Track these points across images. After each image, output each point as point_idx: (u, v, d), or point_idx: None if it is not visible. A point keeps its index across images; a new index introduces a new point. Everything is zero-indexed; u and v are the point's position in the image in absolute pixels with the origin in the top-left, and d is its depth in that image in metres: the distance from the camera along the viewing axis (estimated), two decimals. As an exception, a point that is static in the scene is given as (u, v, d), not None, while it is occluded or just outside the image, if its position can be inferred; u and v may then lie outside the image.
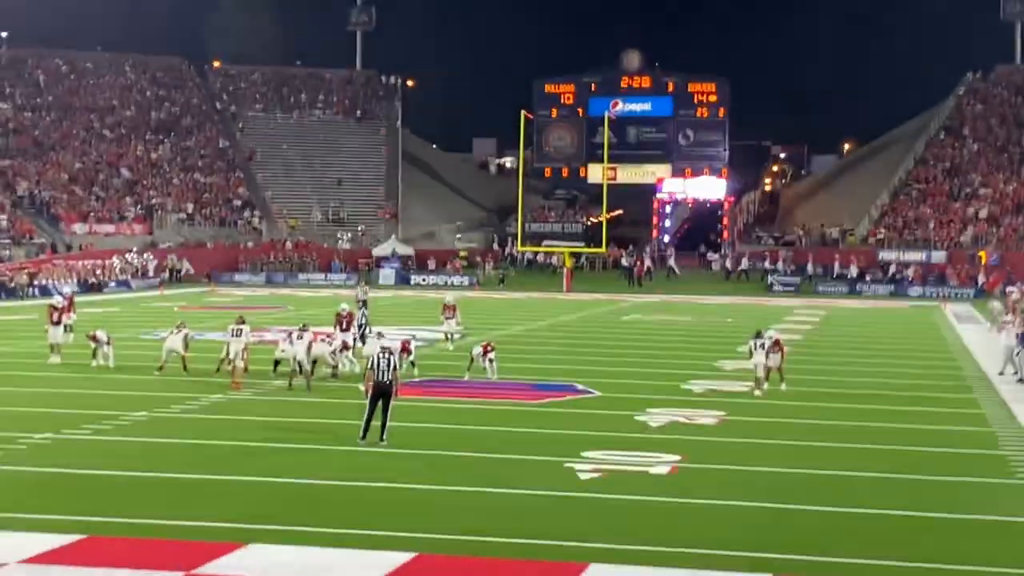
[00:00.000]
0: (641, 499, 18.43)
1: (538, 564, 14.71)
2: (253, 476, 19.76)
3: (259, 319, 48.58)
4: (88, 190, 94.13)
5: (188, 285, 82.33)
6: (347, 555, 14.94)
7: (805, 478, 20.47)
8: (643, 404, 28.09)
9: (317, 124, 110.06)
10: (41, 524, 16.17)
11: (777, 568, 14.55)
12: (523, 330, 50.02)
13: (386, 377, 22.53)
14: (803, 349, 42.64)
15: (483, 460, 21.51)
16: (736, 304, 69.86)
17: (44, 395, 28.82)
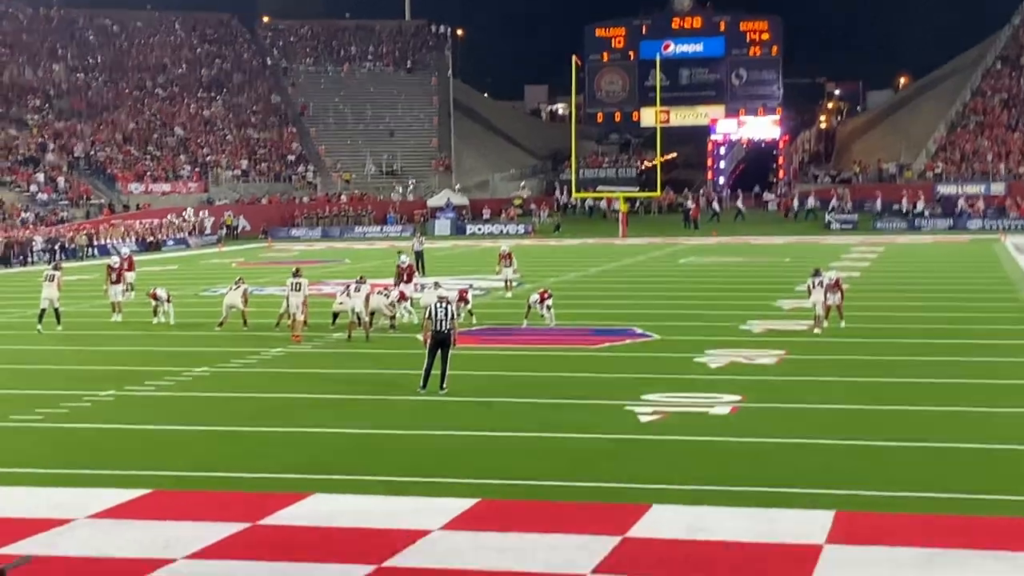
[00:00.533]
0: (702, 439, 18.43)
1: (600, 507, 14.73)
2: (315, 427, 19.89)
3: (316, 273, 48.81)
4: (143, 149, 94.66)
5: (245, 241, 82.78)
6: (410, 503, 15.02)
7: (866, 414, 20.38)
8: (702, 345, 28.03)
9: (368, 76, 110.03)
10: (107, 480, 16.36)
11: (840, 504, 14.50)
12: (580, 276, 49.98)
13: (444, 326, 22.58)
14: (861, 286, 42.39)
15: (543, 405, 21.54)
16: (793, 243, 69.47)
17: (106, 353, 29.11)
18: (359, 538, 13.59)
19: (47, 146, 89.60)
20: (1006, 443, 17.91)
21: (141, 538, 13.66)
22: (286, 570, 12.45)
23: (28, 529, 13.97)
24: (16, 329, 34.62)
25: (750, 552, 12.84)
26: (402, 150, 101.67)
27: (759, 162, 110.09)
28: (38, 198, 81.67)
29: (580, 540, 13.27)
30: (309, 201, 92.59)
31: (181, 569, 12.58)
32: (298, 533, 13.84)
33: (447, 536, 13.61)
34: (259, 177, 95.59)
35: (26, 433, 19.85)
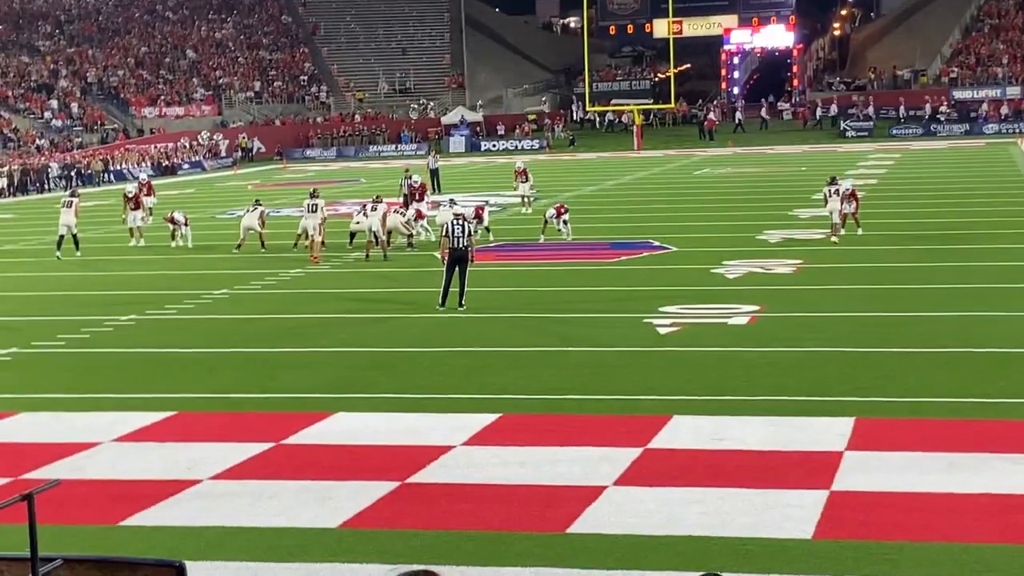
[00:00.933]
0: (721, 350, 18.49)
1: (621, 419, 14.83)
2: (336, 347, 20.01)
3: (332, 193, 48.82)
4: (155, 73, 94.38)
5: (260, 163, 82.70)
6: (432, 419, 15.13)
7: (884, 321, 20.42)
8: (719, 257, 28.04)
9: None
10: (132, 403, 16.51)
11: (859, 411, 14.57)
12: (595, 190, 49.91)
13: (461, 243, 22.63)
14: (878, 193, 42.28)
15: (562, 320, 21.62)
16: (809, 153, 69.18)
17: (126, 278, 29.24)
18: (382, 455, 13.72)
19: (59, 72, 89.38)
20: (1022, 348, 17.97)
21: (166, 459, 13.81)
22: (311, 488, 12.58)
23: (55, 453, 14.13)
24: (35, 256, 34.76)
25: (771, 460, 12.94)
26: (415, 68, 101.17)
27: (773, 71, 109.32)
28: (52, 124, 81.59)
29: (601, 452, 13.37)
30: (323, 121, 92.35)
31: (207, 489, 12.73)
32: (322, 451, 13.98)
33: (469, 451, 13.73)
34: (272, 99, 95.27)
35: (49, 359, 20.00)
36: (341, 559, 10.54)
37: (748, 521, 11.09)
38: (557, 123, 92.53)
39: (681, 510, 11.47)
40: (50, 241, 34.71)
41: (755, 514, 11.29)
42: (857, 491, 11.88)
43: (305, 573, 10.31)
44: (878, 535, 10.68)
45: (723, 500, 11.70)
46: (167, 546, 10.75)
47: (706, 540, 10.63)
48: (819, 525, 10.93)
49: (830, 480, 12.15)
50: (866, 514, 11.23)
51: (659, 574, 9.93)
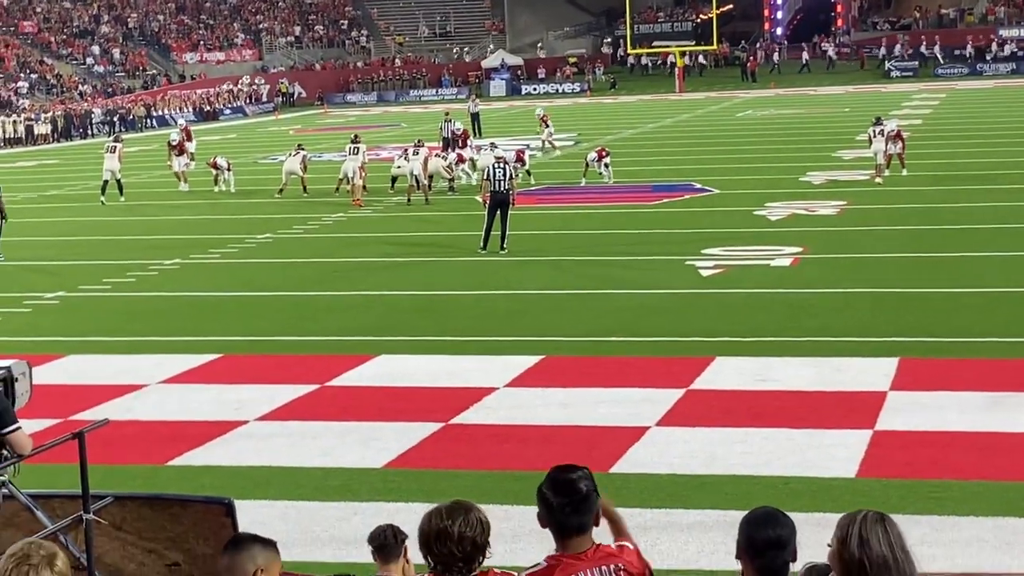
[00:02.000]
0: (764, 292, 18.46)
1: (664, 360, 14.84)
2: (379, 290, 20.08)
3: (373, 137, 48.81)
4: (196, 19, 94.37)
5: (301, 108, 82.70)
6: (475, 361, 15.19)
7: (929, 262, 20.32)
8: (762, 199, 27.92)
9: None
10: (177, 346, 16.64)
11: (903, 351, 14.53)
12: (636, 133, 49.70)
13: (503, 187, 22.64)
14: (923, 133, 41.94)
15: (604, 263, 21.60)
16: (853, 93, 68.59)
17: (170, 222, 29.39)
18: (425, 396, 13.79)
19: (101, 18, 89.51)
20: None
21: (212, 401, 13.93)
22: (356, 429, 12.68)
23: (103, 395, 14.27)
24: (79, 201, 34.96)
25: (815, 400, 12.93)
26: (455, 11, 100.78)
27: (817, 11, 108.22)
28: (94, 70, 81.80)
29: (644, 393, 13.40)
30: (363, 66, 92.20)
31: (252, 430, 12.84)
32: (366, 393, 14.07)
33: (512, 392, 13.78)
34: (313, 43, 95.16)
35: (95, 302, 20.18)
36: (386, 498, 10.62)
37: (791, 461, 11.11)
38: (598, 66, 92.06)
39: (724, 450, 11.49)
40: (94, 186, 34.89)
41: (798, 453, 11.31)
42: (901, 431, 11.87)
43: (350, 512, 10.40)
44: (922, 474, 10.67)
45: (766, 440, 11.72)
46: (214, 485, 10.86)
47: (749, 479, 10.65)
48: (863, 464, 10.93)
49: (874, 420, 12.14)
50: (910, 453, 11.22)
51: (703, 512, 9.96)
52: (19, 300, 20.26)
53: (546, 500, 4.87)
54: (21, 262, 24.43)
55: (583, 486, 4.88)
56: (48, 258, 24.87)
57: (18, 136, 62.30)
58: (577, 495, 4.86)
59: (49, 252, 25.68)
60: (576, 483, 4.86)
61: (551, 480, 4.92)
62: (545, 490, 4.89)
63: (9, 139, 61.84)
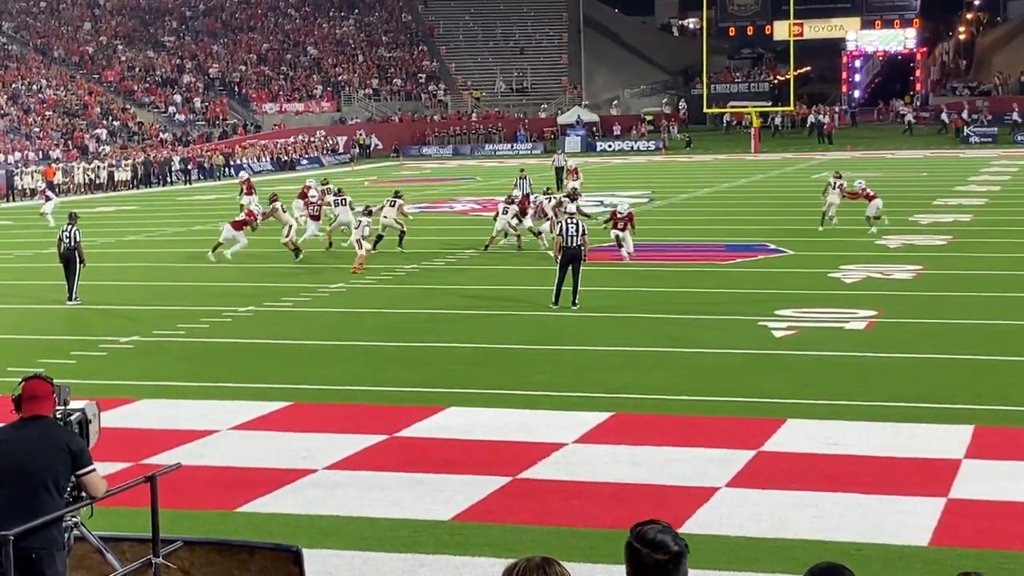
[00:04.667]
0: (837, 355, 18.30)
1: (734, 420, 14.75)
2: (449, 342, 20.11)
3: (449, 190, 49.01)
4: (276, 70, 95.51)
5: (377, 160, 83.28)
6: (545, 416, 15.16)
7: (1004, 329, 20.07)
8: (837, 261, 27.74)
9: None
10: (248, 392, 16.74)
11: (978, 419, 14.35)
12: (711, 192, 49.61)
13: (575, 242, 22.69)
14: (1000, 200, 41.58)
15: (676, 321, 21.53)
16: (930, 158, 68.12)
17: (244, 271, 29.60)
18: (494, 450, 13.78)
19: (183, 67, 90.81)
20: None
21: (282, 448, 13.99)
22: (424, 480, 12.68)
23: (175, 440, 14.38)
24: (157, 247, 35.34)
25: (887, 466, 12.78)
26: (532, 67, 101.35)
27: (895, 75, 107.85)
28: (175, 119, 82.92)
29: (714, 453, 13.31)
30: (440, 119, 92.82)
31: (321, 478, 12.87)
32: (434, 445, 14.07)
33: (581, 449, 13.74)
34: (390, 96, 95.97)
35: (169, 348, 20.35)
36: (453, 551, 10.61)
37: (863, 527, 10.98)
38: (673, 124, 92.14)
39: (794, 513, 11.38)
40: (172, 233, 35.26)
41: (870, 519, 11.17)
42: (975, 499, 11.71)
43: (417, 564, 10.39)
44: (996, 544, 10.52)
45: (837, 505, 11.59)
46: (282, 532, 10.89)
47: (819, 544, 10.54)
48: (936, 532, 10.79)
49: (948, 488, 11.98)
50: (984, 522, 11.06)
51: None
52: (95, 344, 20.48)
53: (639, 557, 4.53)
54: (98, 306, 24.72)
55: (677, 545, 4.53)
56: (124, 303, 25.15)
57: (100, 182, 63.17)
58: (672, 552, 4.51)
59: (125, 297, 25.96)
60: (670, 541, 4.51)
61: (643, 537, 4.56)
62: (638, 545, 4.54)
63: (91, 184, 62.72)
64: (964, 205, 39.95)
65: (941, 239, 31.24)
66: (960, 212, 37.79)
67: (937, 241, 31.04)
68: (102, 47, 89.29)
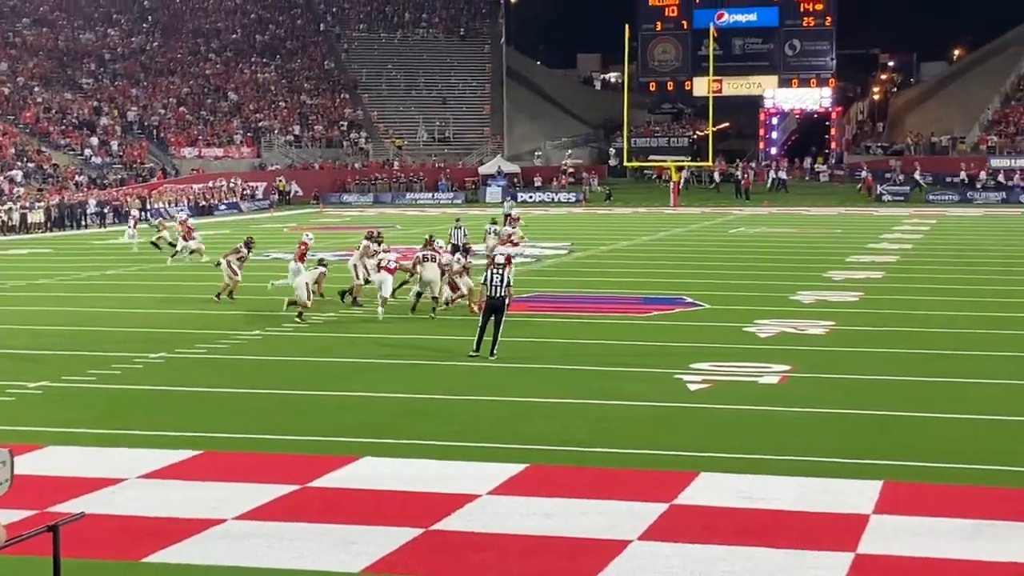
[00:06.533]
0: (751, 409, 18.41)
1: (648, 473, 14.77)
2: (365, 391, 20.00)
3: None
4: (196, 114, 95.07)
5: (297, 206, 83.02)
6: (459, 467, 15.10)
7: (915, 385, 20.30)
8: (752, 315, 27.96)
9: (421, 43, 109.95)
10: (158, 440, 16.54)
11: (887, 475, 14.48)
12: (630, 244, 49.91)
13: (498, 292, 22.74)
14: (911, 258, 42.18)
15: (592, 372, 21.57)
16: (844, 215, 69.06)
17: (158, 316, 29.31)
18: (408, 501, 13.69)
19: (101, 109, 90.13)
20: (1057, 417, 17.80)
21: (192, 498, 13.81)
22: (335, 532, 12.56)
23: (80, 487, 14.15)
24: (69, 291, 34.92)
25: (797, 521, 12.85)
26: (454, 117, 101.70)
27: (811, 133, 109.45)
28: (92, 161, 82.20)
29: (627, 506, 13.31)
30: (361, 167, 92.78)
31: (231, 529, 12.71)
32: (347, 495, 13.96)
33: (495, 501, 13.69)
34: (311, 143, 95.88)
35: (79, 393, 20.08)
36: (362, 604, 10.50)
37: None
38: (594, 176, 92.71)
39: (707, 567, 11.39)
40: (85, 276, 34.82)
41: (780, 574, 11.22)
42: (882, 555, 11.79)
43: (325, 616, 10.27)
44: (904, 600, 10.57)
45: (749, 559, 11.62)
46: (189, 584, 10.74)
47: (730, 599, 10.54)
48: (844, 588, 10.83)
49: (856, 543, 12.06)
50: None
51: (681, 631, 9.85)
52: (2, 389, 20.15)
53: None
54: (6, 350, 24.36)
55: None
56: (34, 347, 24.77)
57: (12, 224, 62.39)
58: None
59: (36, 341, 25.58)
60: None
61: None
62: None
63: (3, 226, 61.91)
64: (876, 262, 40.47)
65: (853, 295, 31.60)
66: (872, 269, 38.28)
67: (850, 297, 31.39)
68: (18, 88, 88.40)
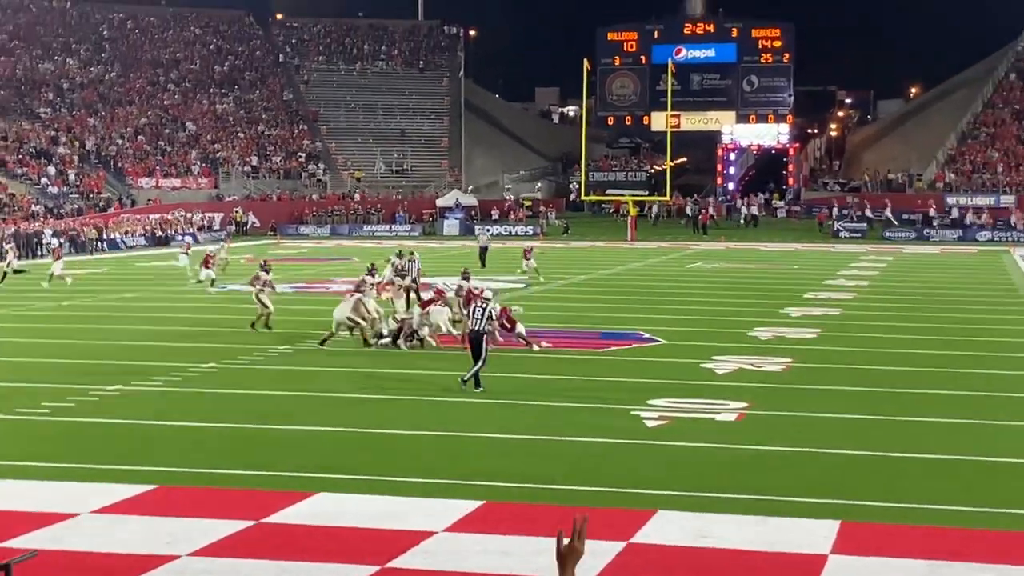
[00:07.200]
0: (708, 446, 18.39)
1: (605, 511, 14.69)
2: (321, 426, 19.88)
3: (325, 270, 48.78)
4: (154, 144, 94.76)
5: (254, 237, 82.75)
6: (414, 503, 15.01)
7: (872, 424, 20.34)
8: (709, 352, 27.99)
9: (380, 75, 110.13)
10: (112, 475, 16.38)
11: (844, 514, 14.48)
12: (587, 279, 49.96)
13: (479, 325, 22.87)
14: (869, 295, 42.38)
15: (549, 408, 21.51)
16: (801, 251, 69.42)
17: (114, 348, 29.11)
18: (363, 538, 13.60)
19: (59, 139, 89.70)
20: (1010, 456, 17.86)
21: (145, 533, 13.68)
22: (290, 569, 12.46)
23: (33, 522, 13.99)
24: (24, 322, 34.64)
25: (755, 560, 12.83)
26: (413, 149, 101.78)
27: (769, 169, 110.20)
28: (49, 191, 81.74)
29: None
30: (319, 199, 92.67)
31: (185, 566, 12.59)
32: (302, 532, 13.85)
33: (451, 538, 13.61)
34: (269, 174, 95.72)
35: (31, 427, 19.87)
36: (316, 643, 10.40)
37: (730, 622, 10.97)
38: (551, 210, 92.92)
39: (662, 607, 11.35)
40: (40, 307, 34.53)
41: (737, 615, 11.18)
42: (840, 596, 11.78)
43: (279, 656, 10.16)
44: (860, 642, 10.55)
45: (705, 599, 11.59)
46: (141, 623, 10.61)
47: (686, 639, 10.50)
48: (801, 629, 10.80)
49: (813, 583, 12.05)
50: (849, 619, 11.11)
51: (638, 672, 9.79)
52: (-46, 420, 19.94)
53: None
54: (-41, 381, 24.13)
55: None
56: (-13, 378, 24.52)
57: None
58: None
59: (-11, 372, 25.32)
60: None
61: None
62: None
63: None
64: (834, 299, 40.64)
65: (811, 332, 31.70)
66: (830, 306, 38.43)
67: (807, 334, 31.49)
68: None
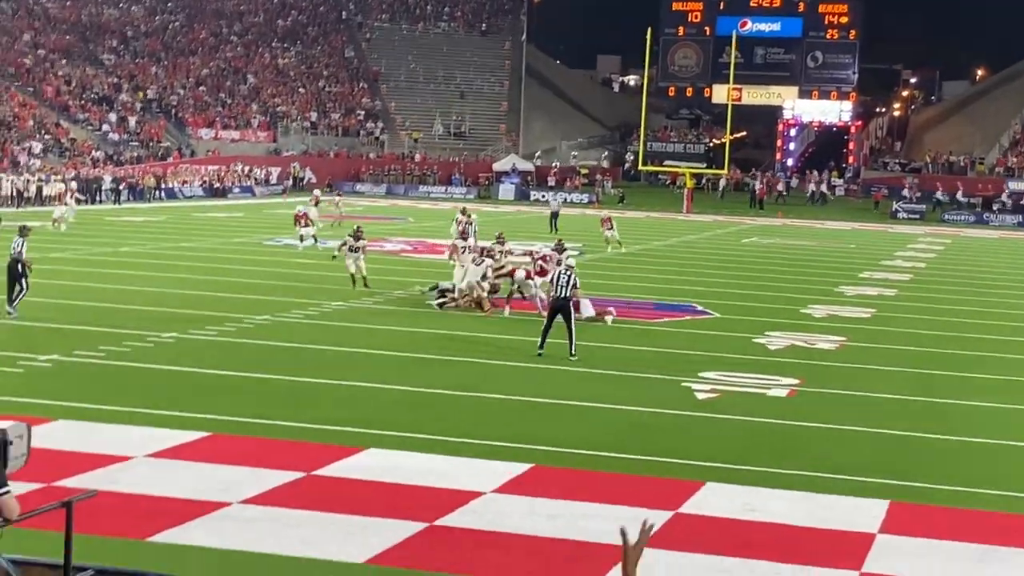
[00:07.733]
0: (758, 421, 18.38)
1: (654, 480, 14.75)
2: (374, 383, 20.00)
3: (379, 229, 48.95)
4: (214, 96, 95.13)
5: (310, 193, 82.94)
6: (464, 463, 15.10)
7: (924, 405, 20.27)
8: (762, 327, 27.93)
9: (441, 37, 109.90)
10: (166, 420, 16.56)
11: (893, 494, 14.46)
12: (642, 249, 49.85)
13: (564, 292, 22.86)
14: (924, 277, 42.11)
15: (601, 376, 21.54)
16: (859, 230, 68.99)
17: (171, 296, 29.31)
18: (412, 495, 13.70)
19: (121, 86, 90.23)
20: (1065, 445, 17.76)
21: (198, 479, 13.83)
22: (339, 521, 12.58)
23: (89, 463, 14.18)
24: (83, 265, 34.94)
25: (803, 536, 12.84)
26: (471, 112, 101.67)
27: (829, 146, 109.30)
28: (109, 137, 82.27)
29: (631, 512, 13.27)
30: (376, 157, 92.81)
31: (236, 512, 12.73)
32: (352, 486, 13.97)
33: (499, 499, 13.69)
34: (328, 131, 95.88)
35: (88, 369, 20.11)
36: (364, 595, 10.50)
37: (775, 595, 11.00)
38: (608, 178, 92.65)
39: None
40: (98, 252, 34.86)
41: (783, 589, 11.20)
42: (888, 575, 11.77)
43: (328, 606, 10.28)
44: (906, 621, 10.56)
45: (752, 572, 11.62)
46: (194, 565, 10.75)
47: (732, 610, 10.54)
48: (847, 606, 10.82)
49: (861, 562, 12.04)
50: (895, 599, 11.11)
51: (682, 640, 9.84)
52: (12, 360, 20.21)
53: None
54: (18, 322, 24.41)
55: None
56: (45, 320, 24.77)
57: (28, 196, 62.44)
58: None
59: (48, 314, 25.55)
60: None
61: None
62: None
63: (19, 197, 61.93)
64: (889, 280, 40.42)
65: (865, 312, 31.55)
66: (885, 286, 38.23)
67: (861, 313, 31.35)
68: (40, 60, 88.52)
